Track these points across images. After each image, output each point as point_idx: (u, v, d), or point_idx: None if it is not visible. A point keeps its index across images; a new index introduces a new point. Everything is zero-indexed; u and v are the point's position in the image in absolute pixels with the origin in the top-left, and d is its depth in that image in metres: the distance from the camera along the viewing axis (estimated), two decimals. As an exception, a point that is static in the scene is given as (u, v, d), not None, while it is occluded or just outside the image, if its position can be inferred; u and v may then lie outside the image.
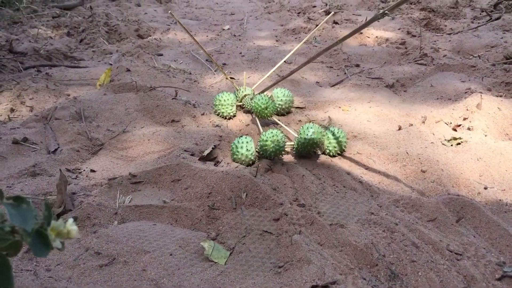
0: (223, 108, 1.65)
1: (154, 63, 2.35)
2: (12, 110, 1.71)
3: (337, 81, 2.11)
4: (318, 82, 2.15)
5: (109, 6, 4.33)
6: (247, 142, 1.34)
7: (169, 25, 3.54)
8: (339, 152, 1.41)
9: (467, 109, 1.63)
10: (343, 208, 1.12)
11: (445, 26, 3.19)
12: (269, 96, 1.60)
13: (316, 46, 2.69)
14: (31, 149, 1.40)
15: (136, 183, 1.26)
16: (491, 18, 3.24)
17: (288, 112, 1.74)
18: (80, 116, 1.64)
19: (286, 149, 1.38)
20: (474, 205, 1.08)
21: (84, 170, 1.32)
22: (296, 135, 1.41)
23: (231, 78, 2.20)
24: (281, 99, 1.67)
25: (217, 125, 1.62)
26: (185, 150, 1.41)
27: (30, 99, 1.79)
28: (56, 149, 1.40)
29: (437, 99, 1.85)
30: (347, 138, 1.49)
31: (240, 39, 3.08)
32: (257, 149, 1.39)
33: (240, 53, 2.63)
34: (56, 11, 3.69)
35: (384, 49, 2.57)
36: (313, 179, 1.25)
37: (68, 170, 1.31)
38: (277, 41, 2.96)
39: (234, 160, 1.38)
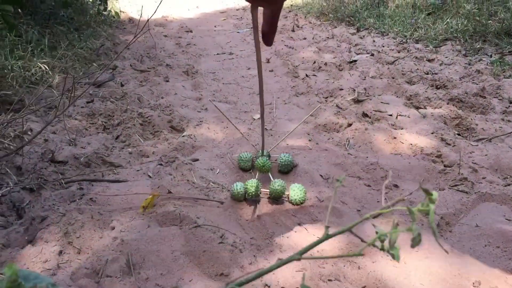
0: (243, 163, 2.46)
1: (193, 177, 2.37)
2: (60, 252, 1.72)
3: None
4: (359, 210, 2.14)
5: (137, 79, 4.43)
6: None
7: (199, 111, 3.60)
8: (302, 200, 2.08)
9: (522, 275, 1.60)
10: None
11: (476, 125, 3.20)
12: (269, 157, 2.38)
13: (351, 155, 2.70)
14: (86, 321, 1.39)
15: None
16: (522, 118, 3.25)
17: (290, 170, 2.46)
18: (129, 267, 1.64)
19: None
20: None
21: None
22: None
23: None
24: (283, 161, 2.43)
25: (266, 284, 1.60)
26: (240, 329, 1.39)
27: (77, 237, 1.79)
28: (110, 322, 1.39)
29: (485, 246, 1.83)
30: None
31: (271, 135, 3.11)
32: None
33: (276, 160, 2.64)
34: (89, 92, 3.77)
35: (420, 163, 2.56)
36: None
37: None
38: (309, 140, 2.98)
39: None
